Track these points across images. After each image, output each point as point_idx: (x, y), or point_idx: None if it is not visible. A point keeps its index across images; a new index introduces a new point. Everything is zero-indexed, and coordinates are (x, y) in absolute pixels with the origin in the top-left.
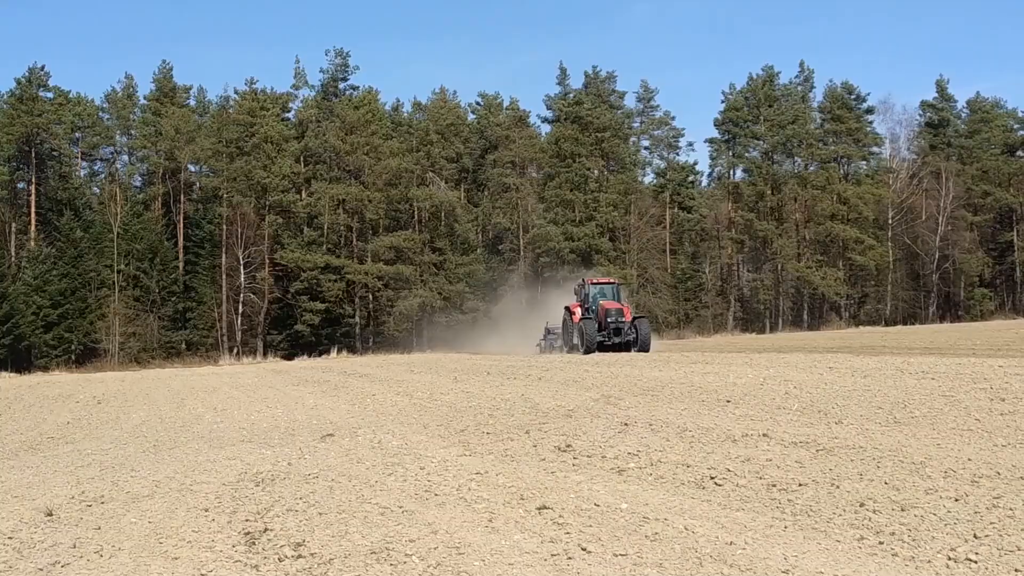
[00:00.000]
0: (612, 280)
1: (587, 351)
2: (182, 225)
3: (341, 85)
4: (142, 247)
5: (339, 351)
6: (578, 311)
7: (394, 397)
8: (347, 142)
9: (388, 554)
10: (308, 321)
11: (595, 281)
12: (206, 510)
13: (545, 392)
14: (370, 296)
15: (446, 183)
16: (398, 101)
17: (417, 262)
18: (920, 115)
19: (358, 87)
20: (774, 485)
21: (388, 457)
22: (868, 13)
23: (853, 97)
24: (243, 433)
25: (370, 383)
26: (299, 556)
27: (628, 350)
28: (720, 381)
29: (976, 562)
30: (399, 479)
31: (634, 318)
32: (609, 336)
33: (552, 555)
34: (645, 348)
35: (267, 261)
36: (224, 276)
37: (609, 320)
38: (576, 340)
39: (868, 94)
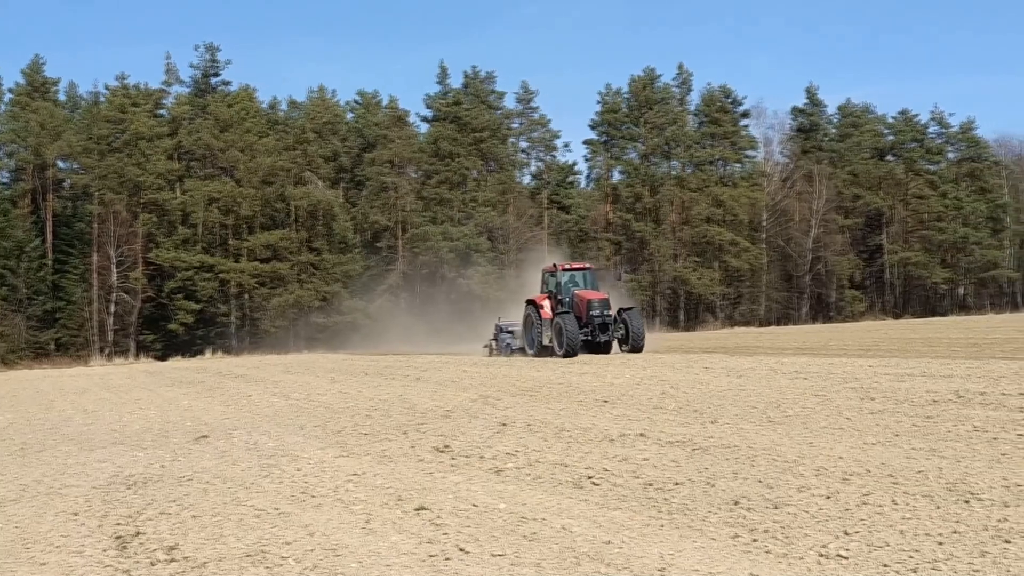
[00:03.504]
0: (587, 265)
1: (568, 353)
2: (51, 223)
3: (213, 81)
4: (9, 245)
5: (214, 351)
6: (546, 304)
7: (270, 398)
8: (222, 139)
9: (263, 557)
10: (182, 321)
11: (567, 267)
12: (75, 514)
13: (423, 392)
14: (246, 296)
15: (323, 182)
16: (275, 99)
17: (294, 261)
18: (792, 120)
19: (231, 83)
20: (651, 484)
21: (264, 459)
22: (744, 19)
23: (730, 101)
24: (114, 435)
25: (246, 384)
26: (172, 560)
27: (607, 350)
28: (598, 381)
29: (847, 558)
30: (275, 481)
31: (620, 310)
32: (594, 333)
33: (430, 556)
34: (638, 347)
35: (140, 260)
36: (96, 275)
37: (593, 314)
38: (548, 340)
39: (744, 98)
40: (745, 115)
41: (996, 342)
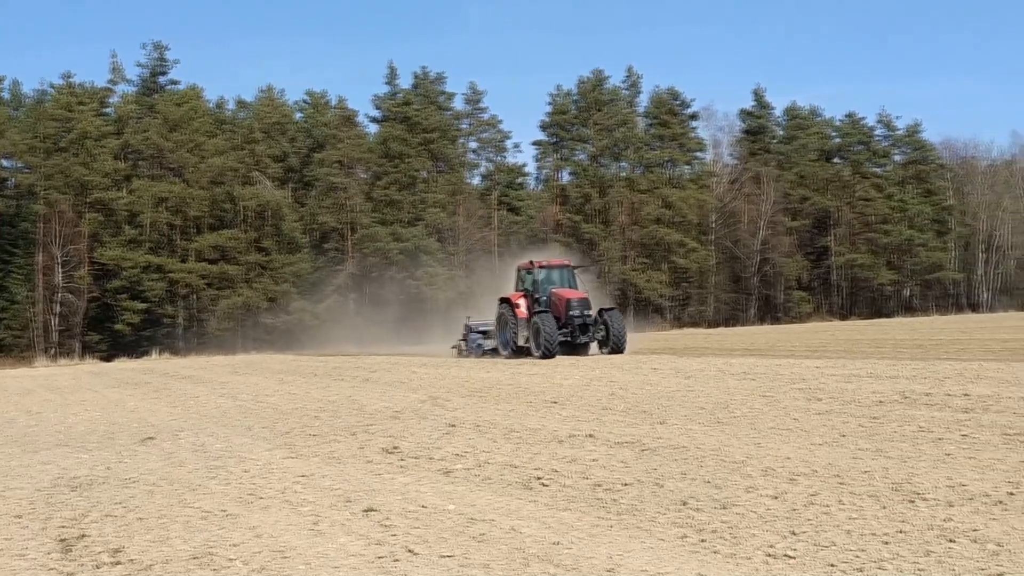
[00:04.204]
0: (566, 262)
1: (546, 354)
2: None
3: (161, 80)
4: None
5: (160, 352)
6: (522, 303)
7: (217, 399)
8: (170, 139)
9: (210, 559)
10: (128, 321)
11: (544, 264)
12: (19, 517)
13: (372, 393)
14: (193, 296)
15: (272, 182)
16: (222, 98)
17: (242, 262)
18: (740, 122)
19: (179, 82)
20: (599, 485)
21: (211, 460)
22: (693, 22)
23: (678, 103)
24: (59, 437)
25: (192, 385)
26: (117, 563)
27: (586, 352)
28: (547, 382)
29: (794, 558)
30: (222, 482)
31: (601, 311)
32: (574, 334)
33: (378, 557)
34: (619, 348)
35: (86, 260)
36: (40, 275)
37: (573, 313)
38: (524, 341)
39: (693, 100)
40: (694, 117)
41: (941, 343)
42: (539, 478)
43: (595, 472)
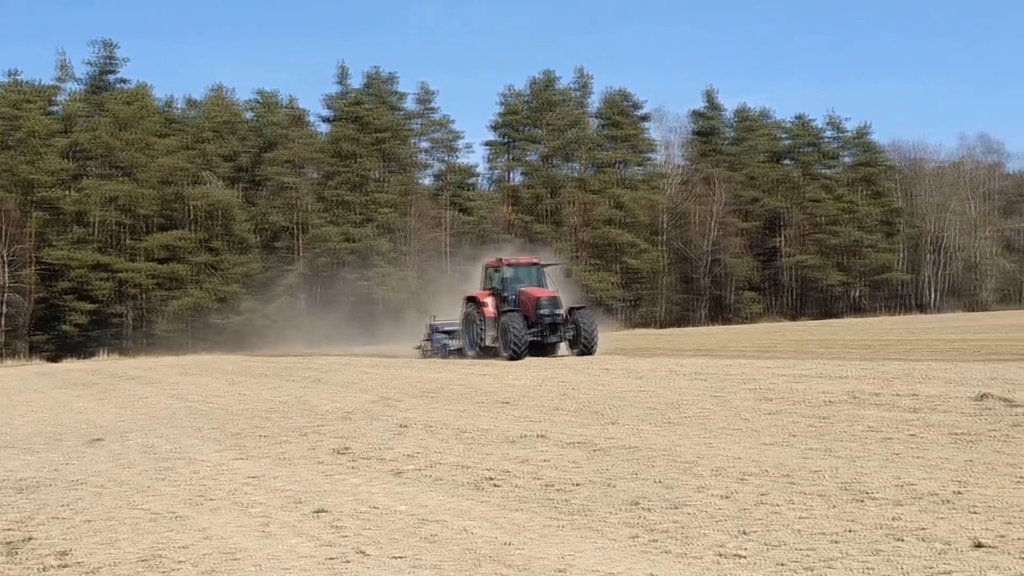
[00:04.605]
0: (534, 260)
1: (514, 355)
2: None
3: (110, 78)
4: None
5: (108, 353)
6: (489, 301)
7: (166, 400)
8: (119, 138)
9: (159, 561)
10: (76, 322)
11: (511, 261)
12: None
13: (323, 394)
14: (142, 296)
15: (222, 181)
16: (171, 97)
17: (191, 262)
18: (691, 123)
19: (128, 81)
20: (551, 485)
21: (159, 462)
22: (643, 24)
23: (630, 104)
24: (4, 438)
25: (141, 386)
26: (64, 566)
27: (554, 352)
28: (498, 383)
29: (744, 557)
30: (171, 484)
31: (571, 309)
32: (543, 334)
33: (329, 559)
34: (589, 348)
35: (32, 259)
36: None
37: (542, 312)
38: (492, 341)
39: (645, 101)
40: (645, 118)
41: (889, 343)
42: (490, 479)
43: (546, 472)
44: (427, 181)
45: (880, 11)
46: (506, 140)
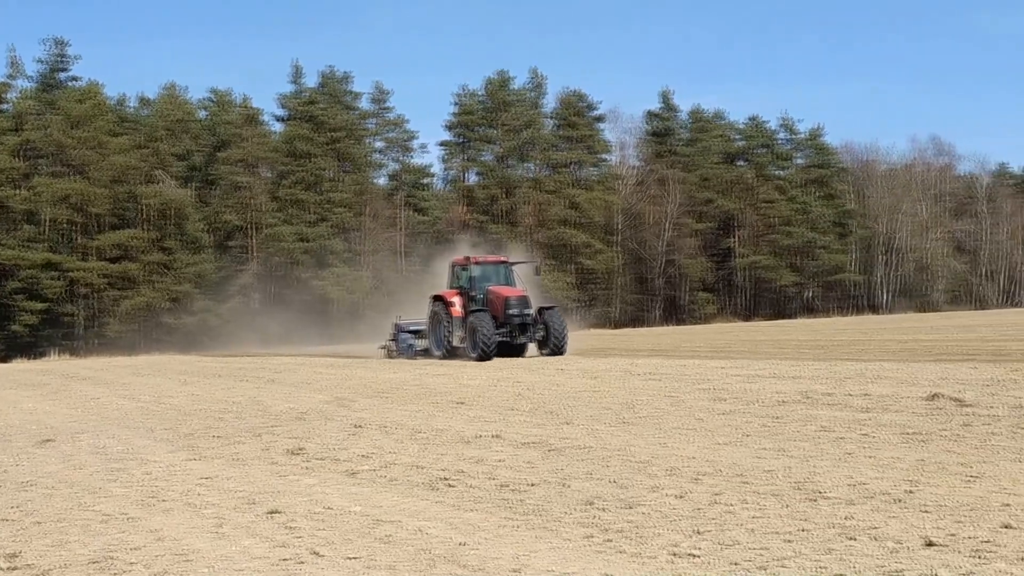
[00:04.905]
0: (502, 258)
1: (483, 355)
2: None
3: (61, 76)
4: None
5: (59, 353)
6: (456, 301)
7: (118, 400)
8: (71, 136)
9: (110, 563)
10: (26, 322)
11: (479, 260)
12: None
13: (277, 394)
14: (94, 296)
15: (175, 180)
16: (123, 95)
17: (144, 261)
18: (645, 124)
19: (80, 79)
20: (505, 485)
21: (111, 462)
22: (598, 25)
23: (585, 105)
24: None
25: (93, 386)
26: (13, 568)
27: (522, 353)
28: (453, 383)
29: (698, 556)
30: (123, 485)
31: (541, 309)
32: (512, 334)
33: (283, 560)
34: (559, 348)
35: None
36: None
37: (511, 312)
38: (459, 341)
39: (600, 102)
40: (600, 119)
41: (841, 344)
42: (445, 479)
43: (501, 473)
44: (382, 181)
45: (833, 14)
46: (461, 140)
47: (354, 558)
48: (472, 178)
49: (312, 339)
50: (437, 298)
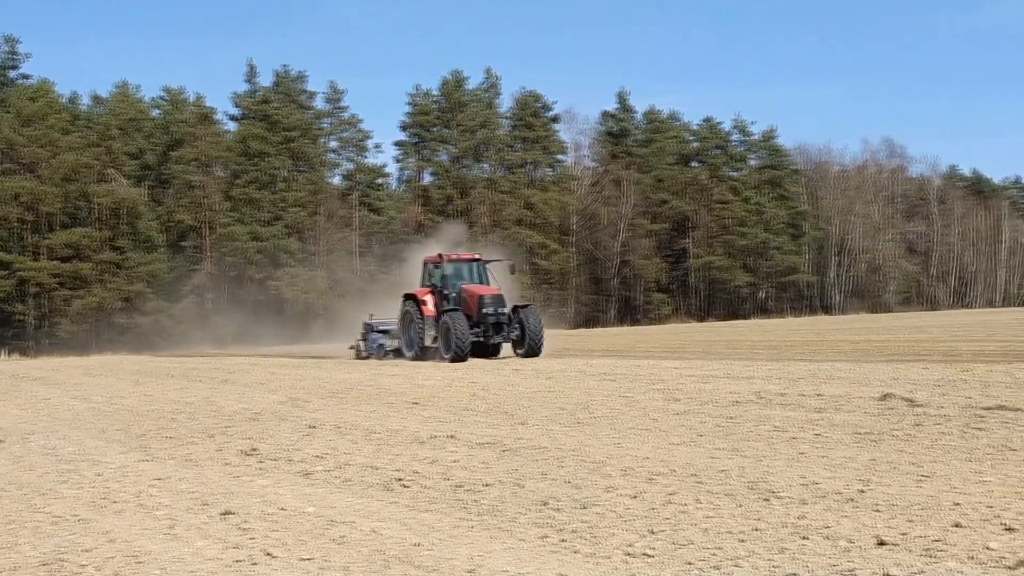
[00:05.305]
0: (476, 256)
1: (457, 356)
2: None
3: (12, 74)
4: None
5: (9, 353)
6: (429, 299)
7: (70, 401)
8: (22, 134)
9: (61, 565)
10: None
11: (452, 257)
12: None
13: (230, 395)
14: (45, 295)
15: (128, 179)
16: (75, 94)
17: (96, 260)
18: (601, 125)
19: (31, 76)
20: (460, 486)
21: (62, 464)
22: (555, 26)
23: (541, 105)
24: None
25: (44, 387)
26: None
27: (496, 353)
28: (407, 383)
29: (652, 556)
30: (74, 486)
31: (516, 308)
32: (487, 334)
33: (236, 561)
34: (535, 349)
35: None
36: None
37: (486, 311)
38: (432, 341)
39: (555, 103)
40: (556, 120)
41: (794, 344)
42: (400, 479)
43: (456, 473)
44: (336, 181)
45: (787, 14)
46: (416, 140)
47: (308, 559)
48: (427, 178)
49: (266, 339)
50: (409, 296)
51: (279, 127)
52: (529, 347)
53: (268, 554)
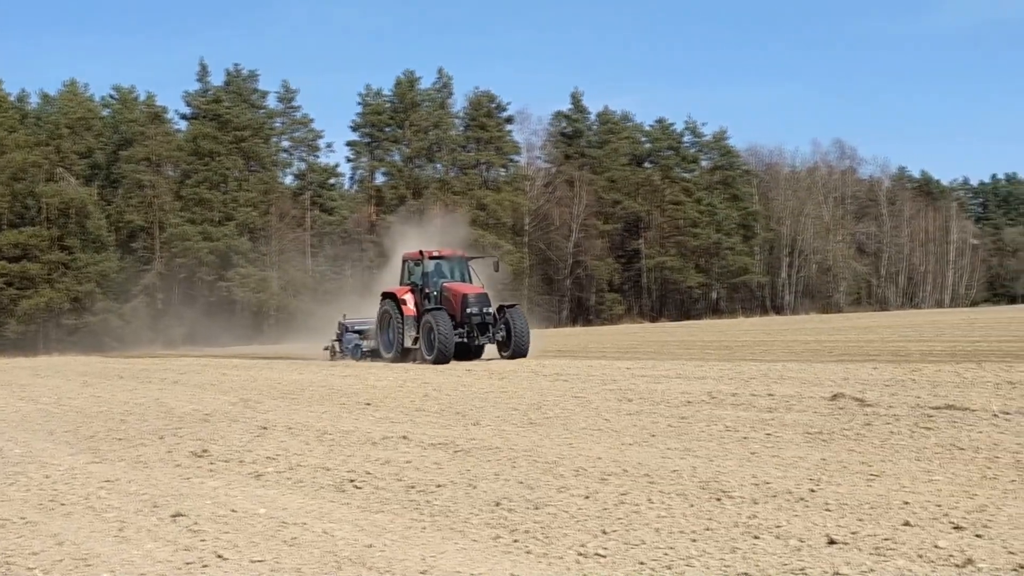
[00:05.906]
0: (458, 252)
1: (440, 358)
2: None
3: None
4: None
5: None
6: (409, 298)
7: (17, 402)
8: None
9: (8, 568)
10: None
11: (433, 254)
12: None
13: (181, 396)
14: None
15: (76, 179)
16: (24, 91)
17: (44, 260)
18: (554, 125)
19: None
20: (413, 487)
21: (9, 466)
22: (510, 26)
23: (494, 106)
24: None
25: None
26: None
27: (480, 354)
28: (360, 384)
29: (605, 556)
30: (21, 489)
31: (501, 308)
32: (471, 335)
33: (186, 563)
34: (521, 351)
35: None
36: None
37: (470, 311)
38: (413, 342)
39: (509, 103)
40: (509, 120)
41: (746, 344)
42: (352, 480)
43: (408, 474)
44: (288, 180)
45: (740, 18)
46: (368, 140)
47: (259, 561)
48: (380, 178)
49: (218, 340)
50: (388, 295)
51: (230, 126)
52: (515, 349)
53: (219, 556)
